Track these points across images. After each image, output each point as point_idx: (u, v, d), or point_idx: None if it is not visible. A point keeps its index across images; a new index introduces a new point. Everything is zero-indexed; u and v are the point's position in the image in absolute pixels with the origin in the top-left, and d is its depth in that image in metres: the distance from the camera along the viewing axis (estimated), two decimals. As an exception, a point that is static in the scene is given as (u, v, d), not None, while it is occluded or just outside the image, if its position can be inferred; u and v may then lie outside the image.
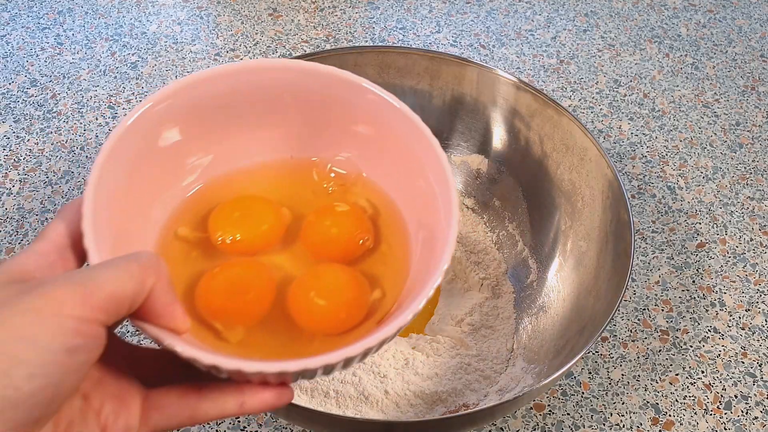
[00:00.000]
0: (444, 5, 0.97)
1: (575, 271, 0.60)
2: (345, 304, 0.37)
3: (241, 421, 0.56)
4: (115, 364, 0.32)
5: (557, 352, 0.55)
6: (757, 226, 0.73)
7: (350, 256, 0.39)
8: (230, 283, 0.37)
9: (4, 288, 0.28)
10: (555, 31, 0.94)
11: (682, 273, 0.68)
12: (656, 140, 0.81)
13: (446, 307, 0.63)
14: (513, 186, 0.67)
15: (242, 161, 0.41)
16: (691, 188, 0.76)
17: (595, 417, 0.58)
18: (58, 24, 0.91)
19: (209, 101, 0.37)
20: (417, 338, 0.60)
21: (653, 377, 0.61)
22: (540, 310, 0.61)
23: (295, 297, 0.37)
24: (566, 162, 0.62)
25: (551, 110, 0.62)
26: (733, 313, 0.66)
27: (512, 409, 0.54)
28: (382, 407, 0.55)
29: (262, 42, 0.90)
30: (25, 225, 0.69)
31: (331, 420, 0.49)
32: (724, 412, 0.59)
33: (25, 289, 0.27)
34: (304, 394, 0.56)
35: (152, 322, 0.30)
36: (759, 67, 0.91)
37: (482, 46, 0.91)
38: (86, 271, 0.28)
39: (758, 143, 0.81)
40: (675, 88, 0.87)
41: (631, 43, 0.93)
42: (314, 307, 0.36)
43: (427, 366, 0.57)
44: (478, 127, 0.67)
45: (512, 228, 0.67)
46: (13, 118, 0.79)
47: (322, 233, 0.39)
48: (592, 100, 0.85)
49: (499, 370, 0.58)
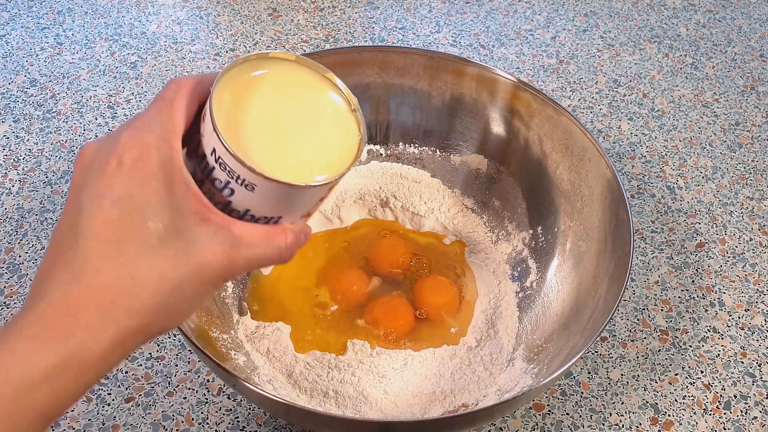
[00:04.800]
0: (444, 5, 0.97)
1: (575, 271, 0.60)
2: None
3: (241, 421, 0.57)
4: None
5: (557, 352, 0.55)
6: (756, 226, 0.73)
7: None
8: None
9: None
10: (554, 31, 0.94)
11: (681, 273, 0.68)
12: (656, 140, 0.81)
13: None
14: (512, 186, 0.67)
15: None
16: (690, 188, 0.76)
17: (595, 417, 0.58)
18: (57, 24, 0.91)
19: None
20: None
21: (653, 377, 0.61)
22: (539, 310, 0.61)
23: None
24: (566, 162, 0.62)
25: (551, 110, 0.62)
26: (733, 313, 0.66)
27: (512, 409, 0.54)
28: (382, 407, 0.55)
29: (261, 42, 0.90)
30: (24, 225, 0.69)
31: (330, 420, 0.49)
32: (724, 412, 0.59)
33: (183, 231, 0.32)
34: (304, 394, 0.56)
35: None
36: (758, 67, 0.91)
37: (482, 46, 0.91)
38: (239, 237, 0.34)
39: (758, 143, 0.81)
40: (674, 88, 0.87)
41: (631, 43, 0.93)
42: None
43: (426, 366, 0.57)
44: (477, 127, 0.67)
45: (512, 228, 0.67)
46: (13, 117, 0.79)
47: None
48: (591, 100, 0.85)
49: (498, 370, 0.58)
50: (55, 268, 0.31)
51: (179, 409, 0.57)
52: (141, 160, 0.32)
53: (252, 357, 0.58)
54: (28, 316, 0.30)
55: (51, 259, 0.32)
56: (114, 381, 0.58)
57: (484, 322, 0.61)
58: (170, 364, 0.60)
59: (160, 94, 0.34)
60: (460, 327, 0.61)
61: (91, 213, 0.31)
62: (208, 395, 0.58)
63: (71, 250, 0.31)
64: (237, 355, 0.56)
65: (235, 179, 0.34)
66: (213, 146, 0.34)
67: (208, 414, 0.57)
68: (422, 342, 0.59)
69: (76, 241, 0.31)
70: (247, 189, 0.34)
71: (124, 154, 0.32)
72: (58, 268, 0.31)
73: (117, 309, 0.31)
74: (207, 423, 0.56)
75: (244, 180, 0.34)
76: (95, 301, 0.30)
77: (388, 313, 0.61)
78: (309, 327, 0.60)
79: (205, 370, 0.59)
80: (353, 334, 0.60)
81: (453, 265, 0.65)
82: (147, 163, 0.32)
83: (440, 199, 0.69)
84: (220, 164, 0.34)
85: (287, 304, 0.62)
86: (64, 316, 0.30)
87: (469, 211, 0.69)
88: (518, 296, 0.63)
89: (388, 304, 0.61)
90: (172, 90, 0.34)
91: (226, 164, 0.33)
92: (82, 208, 0.31)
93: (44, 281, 0.31)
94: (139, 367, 0.59)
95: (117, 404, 0.57)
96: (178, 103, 0.34)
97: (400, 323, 0.60)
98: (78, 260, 0.31)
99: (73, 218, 0.31)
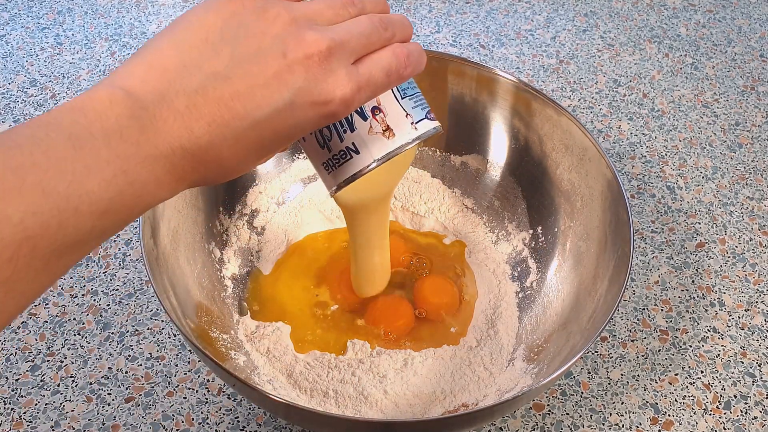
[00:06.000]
0: (444, 5, 0.97)
1: (575, 271, 0.60)
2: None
3: (241, 421, 0.57)
4: None
5: (556, 352, 0.55)
6: (756, 226, 0.73)
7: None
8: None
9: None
10: (554, 31, 0.94)
11: (681, 273, 0.68)
12: (656, 140, 0.81)
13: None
14: (513, 186, 0.67)
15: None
16: (690, 188, 0.76)
17: (595, 417, 0.58)
18: (57, 24, 0.91)
19: None
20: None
21: (653, 377, 0.61)
22: (539, 310, 0.61)
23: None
24: (566, 162, 0.62)
25: (551, 110, 0.62)
26: (733, 313, 0.66)
27: (512, 408, 0.54)
28: (382, 407, 0.55)
29: (261, 42, 0.90)
30: (24, 225, 0.69)
31: (330, 420, 0.49)
32: (724, 411, 0.59)
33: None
34: (304, 394, 0.56)
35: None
36: (758, 67, 0.91)
37: (482, 46, 0.91)
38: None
39: (757, 143, 0.81)
40: (674, 88, 0.87)
41: (631, 43, 0.93)
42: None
43: (426, 366, 0.57)
44: (477, 127, 0.67)
45: (512, 228, 0.67)
46: (13, 118, 0.79)
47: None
48: (591, 100, 0.85)
49: (498, 370, 0.58)
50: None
51: (179, 409, 0.57)
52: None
53: (252, 357, 0.58)
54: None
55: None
56: (114, 381, 0.58)
57: (484, 322, 0.61)
58: (170, 364, 0.60)
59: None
60: (460, 327, 0.61)
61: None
62: (208, 395, 0.58)
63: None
64: (237, 355, 0.56)
65: None
66: None
67: (208, 414, 0.57)
68: (422, 342, 0.60)
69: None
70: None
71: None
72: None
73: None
74: (207, 423, 0.56)
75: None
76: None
77: (389, 313, 0.61)
78: (309, 327, 0.60)
79: (205, 370, 0.59)
80: (353, 334, 0.60)
81: (453, 265, 0.65)
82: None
83: (440, 199, 0.69)
84: None
85: (287, 304, 0.62)
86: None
87: (469, 211, 0.69)
88: (518, 296, 0.63)
89: (388, 304, 0.61)
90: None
91: None
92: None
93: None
94: (139, 367, 0.59)
95: (117, 404, 0.57)
96: None
97: (400, 323, 0.60)
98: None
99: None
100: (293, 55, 0.33)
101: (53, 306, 0.63)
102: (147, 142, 0.31)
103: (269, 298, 0.62)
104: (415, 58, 0.38)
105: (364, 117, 0.41)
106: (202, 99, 0.32)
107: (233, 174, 0.36)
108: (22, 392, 0.58)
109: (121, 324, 0.62)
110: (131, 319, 0.62)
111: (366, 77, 0.36)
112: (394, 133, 0.41)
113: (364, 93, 0.36)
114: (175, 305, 0.51)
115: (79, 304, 0.63)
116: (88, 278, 0.65)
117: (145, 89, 0.32)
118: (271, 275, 0.64)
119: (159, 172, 0.32)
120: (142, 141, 0.31)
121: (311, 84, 0.34)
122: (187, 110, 0.32)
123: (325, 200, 0.68)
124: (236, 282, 0.62)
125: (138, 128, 0.31)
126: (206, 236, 0.61)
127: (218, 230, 0.63)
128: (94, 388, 0.58)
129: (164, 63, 0.33)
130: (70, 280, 0.65)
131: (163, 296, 0.49)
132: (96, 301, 0.63)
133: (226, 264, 0.62)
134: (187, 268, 0.57)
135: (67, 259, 0.30)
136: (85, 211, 0.29)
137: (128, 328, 0.62)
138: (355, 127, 0.41)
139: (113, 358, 0.60)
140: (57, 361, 0.59)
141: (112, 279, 0.65)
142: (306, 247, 0.66)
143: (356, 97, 0.35)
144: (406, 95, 0.42)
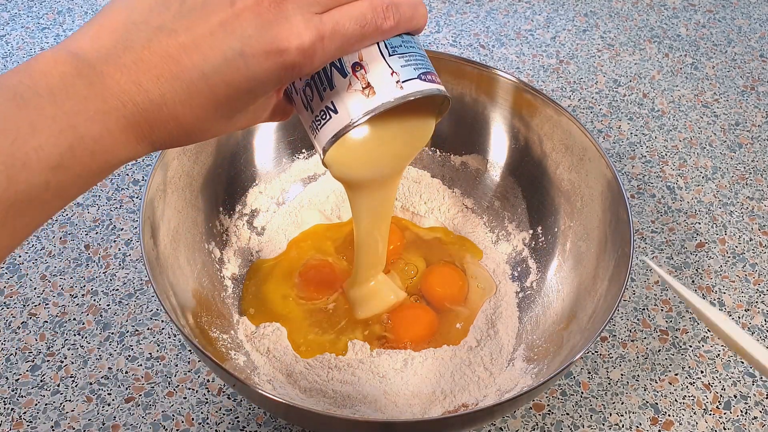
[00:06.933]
0: (444, 5, 0.97)
1: (575, 271, 0.60)
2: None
3: (241, 421, 0.57)
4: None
5: (556, 351, 0.55)
6: (756, 226, 0.73)
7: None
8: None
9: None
10: (554, 31, 0.94)
11: (681, 273, 0.68)
12: (656, 140, 0.81)
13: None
14: (513, 186, 0.67)
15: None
16: (690, 188, 0.76)
17: (595, 417, 0.58)
18: (57, 24, 0.91)
19: None
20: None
21: (653, 377, 0.61)
22: (539, 310, 0.61)
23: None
24: (566, 162, 0.62)
25: (551, 110, 0.62)
26: (733, 313, 0.66)
27: (511, 408, 0.54)
28: (381, 407, 0.55)
29: (261, 42, 0.90)
30: (24, 225, 0.69)
31: (330, 420, 0.49)
32: (724, 412, 0.59)
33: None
34: (304, 394, 0.56)
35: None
36: (758, 67, 0.91)
37: (482, 46, 0.91)
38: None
39: (757, 143, 0.81)
40: (674, 88, 0.87)
41: (631, 43, 0.93)
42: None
43: (426, 366, 0.57)
44: (477, 127, 0.67)
45: (512, 228, 0.67)
46: (13, 118, 0.79)
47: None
48: (591, 100, 0.85)
49: (498, 370, 0.58)
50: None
51: (179, 409, 0.57)
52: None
53: (252, 357, 0.58)
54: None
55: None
56: (114, 381, 0.58)
57: (484, 322, 0.61)
58: (170, 364, 0.60)
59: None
60: (464, 324, 0.61)
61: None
62: (208, 395, 0.58)
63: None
64: (237, 355, 0.56)
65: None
66: None
67: (208, 414, 0.57)
68: (422, 342, 0.59)
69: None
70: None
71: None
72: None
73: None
74: (207, 423, 0.56)
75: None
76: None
77: (412, 324, 0.60)
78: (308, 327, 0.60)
79: (205, 370, 0.59)
80: (352, 334, 0.60)
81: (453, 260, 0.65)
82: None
83: (440, 199, 0.69)
84: None
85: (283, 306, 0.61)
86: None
87: (469, 211, 0.69)
88: (518, 296, 0.63)
89: (411, 315, 0.61)
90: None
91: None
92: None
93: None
94: (139, 367, 0.59)
95: (117, 404, 0.57)
96: None
97: (425, 333, 0.60)
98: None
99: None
100: (242, 3, 0.32)
101: (53, 306, 0.63)
102: (95, 97, 0.31)
103: (266, 300, 0.62)
104: (403, 11, 0.36)
105: (344, 73, 0.38)
106: (149, 53, 0.32)
107: (198, 135, 0.35)
108: (22, 392, 0.58)
109: (121, 324, 0.62)
110: (131, 319, 0.62)
111: (330, 26, 0.34)
112: (375, 91, 0.38)
113: (329, 43, 0.34)
114: (175, 305, 0.51)
115: (79, 304, 0.63)
116: (88, 278, 0.65)
117: (93, 47, 0.32)
118: (266, 275, 0.63)
119: (112, 128, 0.32)
120: (90, 96, 0.31)
121: (262, 31, 0.32)
122: (134, 65, 0.32)
123: (325, 200, 0.68)
124: (236, 282, 0.62)
125: (85, 85, 0.31)
126: (206, 236, 0.61)
127: (218, 230, 0.63)
128: (94, 388, 0.58)
129: (114, 22, 0.32)
130: (70, 280, 0.65)
131: (163, 296, 0.49)
132: (96, 301, 0.63)
133: (226, 264, 0.62)
134: (187, 268, 0.57)
135: (28, 218, 0.31)
136: (34, 166, 0.30)
137: (128, 328, 0.62)
138: (334, 84, 0.38)
139: (113, 358, 0.60)
140: (57, 361, 0.59)
141: (112, 279, 0.65)
142: (295, 247, 0.66)
143: (318, 47, 0.33)
144: (396, 52, 0.38)
